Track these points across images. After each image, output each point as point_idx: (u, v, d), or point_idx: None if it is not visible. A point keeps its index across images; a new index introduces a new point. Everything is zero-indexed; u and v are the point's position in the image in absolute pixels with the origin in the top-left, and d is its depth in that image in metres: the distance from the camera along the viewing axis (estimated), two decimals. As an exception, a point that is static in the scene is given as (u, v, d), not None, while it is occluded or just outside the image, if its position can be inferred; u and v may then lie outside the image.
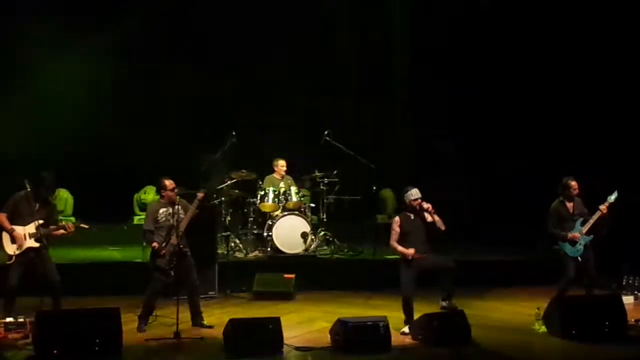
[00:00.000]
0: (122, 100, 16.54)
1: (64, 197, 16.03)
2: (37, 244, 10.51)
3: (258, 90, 16.92)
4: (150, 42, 16.18)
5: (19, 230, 10.52)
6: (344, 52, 17.76)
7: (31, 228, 10.51)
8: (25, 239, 10.51)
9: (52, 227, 10.67)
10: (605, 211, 11.48)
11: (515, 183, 16.23)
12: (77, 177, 15.82)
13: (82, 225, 11.03)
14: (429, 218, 10.93)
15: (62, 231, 10.69)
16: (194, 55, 16.55)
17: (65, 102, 15.89)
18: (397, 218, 11.12)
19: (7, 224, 10.56)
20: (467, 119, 17.12)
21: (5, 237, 10.59)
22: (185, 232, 10.89)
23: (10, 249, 10.55)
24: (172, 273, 10.76)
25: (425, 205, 10.94)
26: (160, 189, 11.15)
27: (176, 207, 10.89)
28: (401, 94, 18.13)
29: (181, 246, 10.78)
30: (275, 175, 15.08)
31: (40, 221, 10.52)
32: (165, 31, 16.40)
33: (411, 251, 10.76)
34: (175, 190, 10.98)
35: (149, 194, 16.21)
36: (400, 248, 10.85)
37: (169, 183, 11.01)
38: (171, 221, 10.86)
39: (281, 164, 15.09)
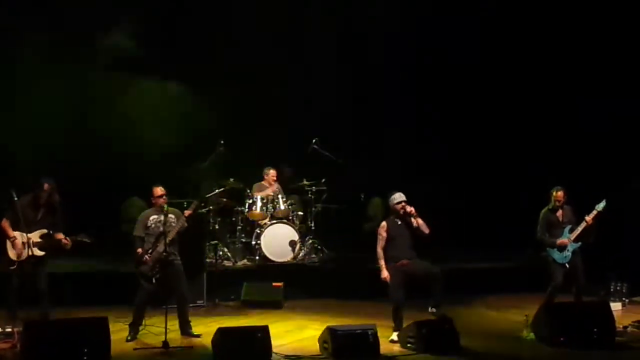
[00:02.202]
0: (110, 110, 16.47)
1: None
2: (41, 253, 10.57)
3: (246, 98, 16.87)
4: (140, 51, 16.13)
5: (21, 238, 10.55)
6: (333, 58, 17.72)
7: (35, 236, 10.55)
8: (28, 246, 10.51)
9: (57, 235, 10.69)
10: (591, 222, 11.57)
11: (504, 189, 16.27)
12: (66, 185, 15.73)
13: (84, 239, 10.96)
14: (413, 222, 10.98)
15: (64, 242, 10.69)
16: (184, 65, 16.50)
17: (54, 113, 15.81)
18: (384, 223, 11.16)
19: (9, 231, 10.63)
20: (456, 124, 17.13)
21: (9, 242, 10.64)
22: (172, 240, 10.93)
23: (13, 254, 10.59)
24: (154, 280, 10.77)
25: (408, 208, 10.99)
26: (150, 196, 11.17)
27: (169, 215, 10.93)
28: (390, 100, 18.10)
29: (165, 253, 10.78)
30: (264, 183, 15.09)
31: (44, 230, 10.59)
32: (156, 41, 16.34)
33: (385, 274, 10.88)
34: (165, 198, 11.00)
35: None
36: (381, 262, 10.96)
37: (157, 190, 11.04)
38: (161, 229, 10.87)
39: (272, 173, 15.10)
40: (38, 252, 10.57)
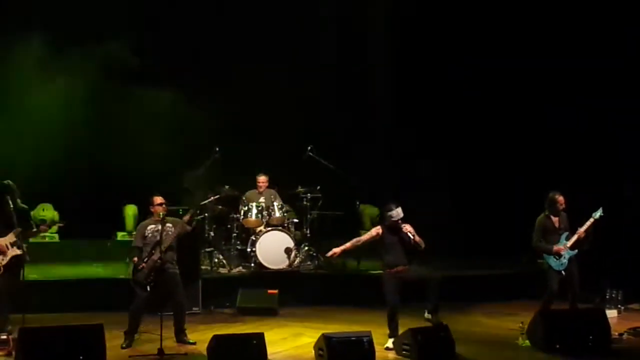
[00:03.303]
0: (106, 116, 16.48)
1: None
2: (19, 251, 10.58)
3: (241, 106, 16.88)
4: (134, 58, 16.15)
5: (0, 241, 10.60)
6: (327, 67, 17.74)
7: (11, 237, 10.58)
8: (7, 248, 10.56)
9: (30, 231, 10.90)
10: (587, 229, 11.54)
11: (499, 197, 16.28)
12: (60, 192, 15.74)
13: (58, 224, 11.01)
14: (410, 238, 10.92)
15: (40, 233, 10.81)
16: (178, 71, 16.51)
17: (50, 119, 15.81)
18: (379, 227, 11.14)
19: None
20: (452, 132, 17.15)
21: None
22: (170, 248, 10.98)
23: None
24: (149, 288, 10.77)
25: (405, 229, 10.93)
26: (148, 205, 11.26)
27: (167, 225, 10.99)
28: (384, 109, 18.13)
29: (160, 261, 10.79)
30: (255, 190, 15.05)
31: (19, 229, 10.61)
32: (149, 47, 16.36)
33: (337, 250, 11.02)
34: (164, 206, 11.07)
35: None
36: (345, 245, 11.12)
37: (157, 199, 11.17)
38: (158, 237, 10.88)
39: (261, 180, 15.03)
40: (17, 252, 10.60)
